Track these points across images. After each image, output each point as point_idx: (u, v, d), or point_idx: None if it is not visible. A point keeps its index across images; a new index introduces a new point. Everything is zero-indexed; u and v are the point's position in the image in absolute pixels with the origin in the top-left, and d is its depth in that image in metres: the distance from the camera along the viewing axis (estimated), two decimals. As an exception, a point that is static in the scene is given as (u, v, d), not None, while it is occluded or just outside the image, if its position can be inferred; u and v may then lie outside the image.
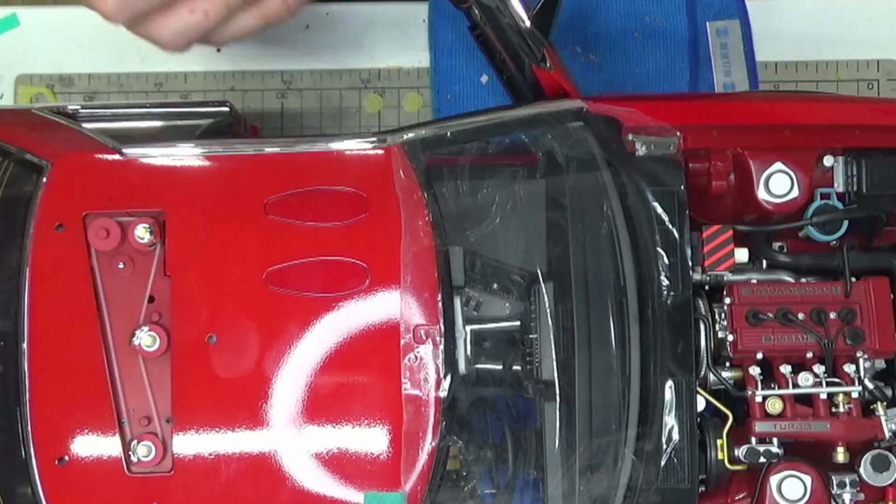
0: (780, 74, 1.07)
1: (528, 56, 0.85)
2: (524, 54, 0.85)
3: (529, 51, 0.85)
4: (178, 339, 0.81)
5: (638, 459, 0.81)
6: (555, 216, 0.85)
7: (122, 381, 0.81)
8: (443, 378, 0.80)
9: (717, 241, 0.84)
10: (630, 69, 1.03)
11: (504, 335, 0.85)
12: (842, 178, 0.85)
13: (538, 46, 0.84)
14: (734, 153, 0.85)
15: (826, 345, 0.82)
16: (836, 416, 0.82)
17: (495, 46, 0.90)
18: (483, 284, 0.86)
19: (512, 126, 0.85)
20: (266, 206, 0.82)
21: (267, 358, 0.81)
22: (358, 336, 0.81)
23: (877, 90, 1.07)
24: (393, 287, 0.81)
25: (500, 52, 0.89)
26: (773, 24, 1.07)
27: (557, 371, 0.82)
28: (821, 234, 0.85)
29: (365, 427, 0.80)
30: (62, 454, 0.80)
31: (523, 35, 0.84)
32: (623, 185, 0.83)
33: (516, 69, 0.88)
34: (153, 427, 0.81)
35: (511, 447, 0.84)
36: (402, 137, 0.84)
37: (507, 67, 0.91)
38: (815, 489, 0.81)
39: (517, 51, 0.85)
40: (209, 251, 0.82)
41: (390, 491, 0.80)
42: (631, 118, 0.84)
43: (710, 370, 0.83)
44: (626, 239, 0.82)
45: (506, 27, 0.85)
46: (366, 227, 0.82)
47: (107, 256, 0.82)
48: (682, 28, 1.04)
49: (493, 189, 0.87)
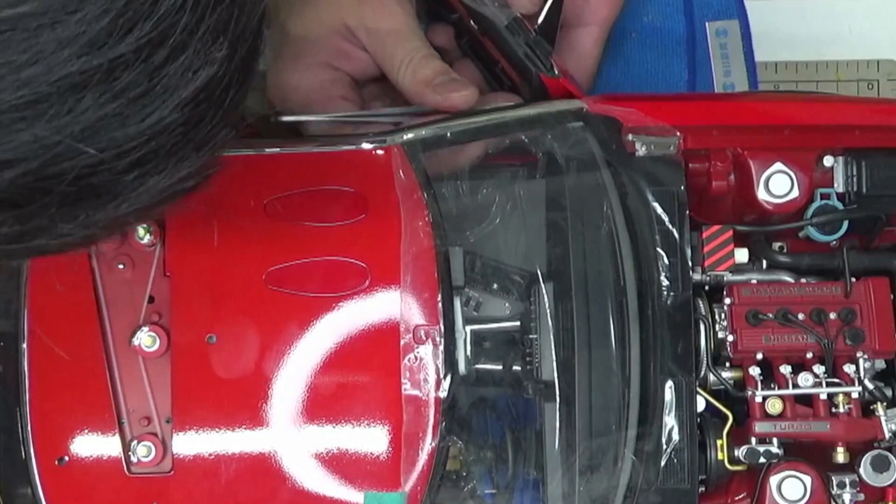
0: (780, 74, 1.07)
1: (537, 66, 0.84)
2: (531, 64, 0.84)
3: (538, 61, 0.84)
4: (178, 339, 0.81)
5: (638, 460, 0.80)
6: (555, 216, 0.85)
7: (122, 381, 0.81)
8: (443, 378, 0.80)
9: (717, 242, 0.84)
10: (628, 69, 1.03)
11: (504, 335, 0.85)
12: (842, 179, 0.85)
13: (546, 56, 0.84)
14: (734, 153, 0.85)
15: (826, 345, 0.82)
16: (836, 417, 0.82)
17: (491, 56, 0.90)
18: (483, 285, 0.85)
19: (512, 126, 0.85)
20: (266, 206, 0.82)
21: (267, 358, 0.81)
22: (358, 336, 0.81)
23: (877, 90, 1.07)
24: (393, 287, 0.81)
25: (500, 61, 0.89)
26: (773, 24, 1.07)
27: (557, 371, 0.82)
28: (821, 234, 0.85)
29: (365, 427, 0.80)
30: (62, 454, 0.80)
31: (530, 45, 0.84)
32: (623, 185, 0.83)
33: (521, 78, 0.88)
34: (153, 427, 0.81)
35: (511, 447, 0.84)
36: (402, 137, 0.84)
37: (508, 76, 0.91)
38: (815, 489, 0.81)
39: (523, 61, 0.85)
40: (209, 251, 0.82)
41: (390, 491, 0.80)
42: (631, 118, 0.84)
43: (710, 370, 0.83)
44: (626, 239, 0.82)
45: (509, 39, 0.84)
46: (366, 228, 0.82)
47: (106, 256, 0.82)
48: (680, 28, 1.04)
49: (493, 189, 0.86)
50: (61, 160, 0.50)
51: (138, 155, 0.52)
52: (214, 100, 0.55)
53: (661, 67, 1.03)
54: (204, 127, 0.55)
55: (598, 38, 0.95)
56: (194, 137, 0.55)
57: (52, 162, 0.50)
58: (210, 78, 0.53)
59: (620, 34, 1.02)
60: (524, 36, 0.84)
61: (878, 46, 1.07)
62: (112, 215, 0.53)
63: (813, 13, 1.07)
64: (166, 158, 0.54)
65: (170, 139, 0.53)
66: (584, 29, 0.95)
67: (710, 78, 1.03)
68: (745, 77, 1.03)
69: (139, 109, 0.51)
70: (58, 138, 0.49)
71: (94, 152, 0.50)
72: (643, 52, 1.03)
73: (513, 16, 0.84)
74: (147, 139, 0.52)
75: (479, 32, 0.89)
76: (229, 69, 0.55)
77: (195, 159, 0.55)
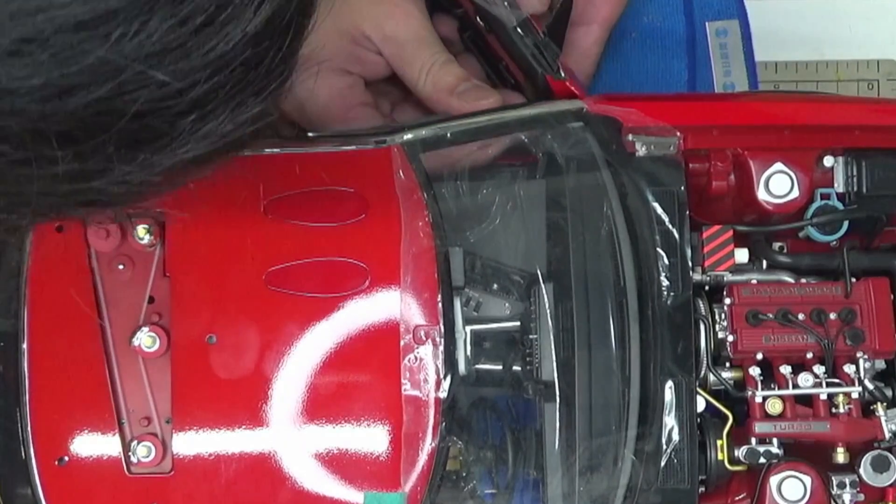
0: (780, 74, 1.07)
1: (544, 67, 0.84)
2: (538, 65, 0.84)
3: (545, 62, 0.84)
4: (178, 339, 0.81)
5: (638, 460, 0.80)
6: (555, 216, 0.85)
7: (122, 381, 0.81)
8: (443, 379, 0.80)
9: (717, 242, 0.84)
10: (628, 69, 1.03)
11: (504, 335, 0.85)
12: (842, 179, 0.85)
13: (554, 58, 0.84)
14: (734, 153, 0.85)
15: (826, 345, 0.82)
16: (836, 417, 0.82)
17: (495, 53, 0.90)
18: (483, 285, 0.85)
19: (512, 126, 0.85)
20: (266, 206, 0.82)
21: (267, 358, 0.81)
22: (358, 336, 0.81)
23: (877, 90, 1.07)
24: (393, 288, 0.81)
25: (504, 59, 0.89)
26: (773, 24, 1.07)
27: (557, 371, 0.81)
28: (821, 234, 0.85)
29: (365, 427, 0.80)
30: (62, 454, 0.80)
31: (539, 47, 0.84)
32: (623, 185, 0.83)
33: (525, 78, 0.88)
34: (153, 427, 0.81)
35: (511, 447, 0.84)
36: (402, 137, 0.84)
37: (511, 75, 0.91)
38: (815, 489, 0.81)
39: (529, 61, 0.84)
40: (209, 251, 0.82)
41: (390, 491, 0.80)
42: (631, 118, 0.84)
43: (710, 371, 0.83)
44: (626, 239, 0.82)
45: (517, 39, 0.84)
46: (366, 228, 0.82)
47: (106, 257, 0.82)
48: (680, 28, 1.04)
49: (493, 189, 0.86)
50: (125, 90, 0.50)
51: (199, 93, 0.52)
52: (275, 39, 0.55)
53: (661, 67, 1.03)
54: (263, 69, 0.55)
55: (599, 38, 0.95)
56: (253, 80, 0.55)
57: (116, 90, 0.50)
58: (273, 13, 0.53)
59: (620, 34, 1.01)
60: (532, 37, 0.84)
61: (878, 46, 1.07)
62: (169, 160, 0.53)
63: (813, 13, 1.07)
64: (225, 102, 0.54)
65: (230, 79, 0.53)
66: (586, 27, 0.95)
67: (710, 78, 1.03)
68: (745, 77, 1.03)
69: (203, 41, 0.51)
70: (124, 62, 0.49)
71: (163, 77, 0.50)
72: (643, 52, 1.03)
73: (523, 17, 0.84)
74: (209, 75, 0.52)
75: (485, 29, 0.89)
76: (290, 6, 0.55)
77: (252, 105, 0.55)
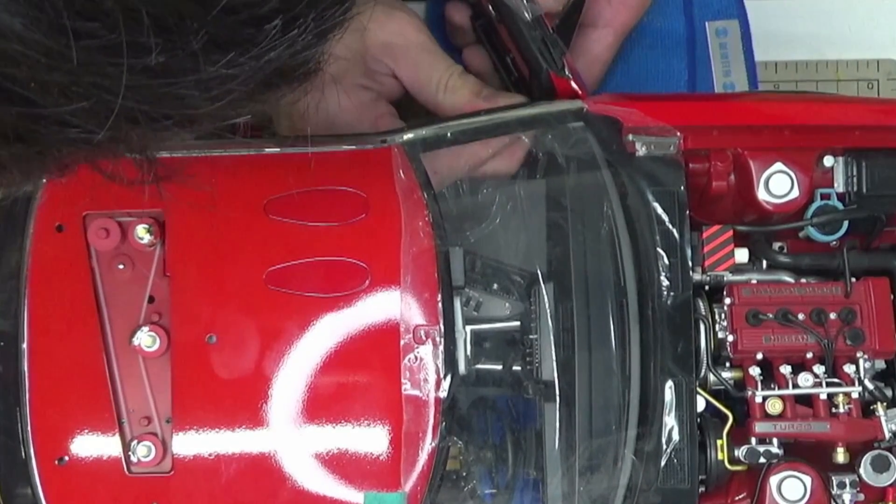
0: (780, 74, 1.07)
1: (549, 64, 0.84)
2: (544, 61, 0.84)
3: (551, 59, 0.84)
4: (178, 339, 0.81)
5: (638, 460, 0.81)
6: (555, 216, 0.85)
7: (122, 381, 0.81)
8: (443, 378, 0.80)
9: (717, 242, 0.84)
10: (628, 69, 1.03)
11: (504, 335, 0.85)
12: (842, 179, 0.85)
13: (560, 55, 0.84)
14: (734, 153, 0.85)
15: (826, 345, 0.82)
16: (836, 417, 0.82)
17: (505, 46, 0.90)
18: (483, 285, 0.86)
19: (512, 126, 0.85)
20: (266, 206, 0.82)
21: (267, 358, 0.81)
22: (358, 336, 0.81)
23: (877, 90, 1.07)
24: (393, 287, 0.81)
25: (512, 53, 0.89)
26: (773, 24, 1.07)
27: (557, 371, 0.82)
28: (821, 234, 0.85)
29: (365, 427, 0.80)
30: (62, 454, 0.80)
31: (546, 42, 0.84)
32: (623, 185, 0.83)
33: (530, 72, 0.88)
34: (153, 427, 0.81)
35: (511, 447, 0.84)
36: (402, 137, 0.84)
37: (517, 68, 0.91)
38: (815, 489, 0.81)
39: (535, 57, 0.85)
40: (209, 251, 0.81)
41: (390, 491, 0.80)
42: (631, 118, 0.84)
43: (710, 370, 0.83)
44: (627, 239, 0.82)
45: (526, 33, 0.84)
46: (366, 228, 0.82)
47: (107, 257, 0.82)
48: (680, 28, 1.04)
49: (493, 189, 0.87)
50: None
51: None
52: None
53: (661, 67, 1.03)
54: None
55: (612, 44, 0.95)
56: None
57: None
58: None
59: (621, 34, 1.01)
60: (541, 32, 0.84)
61: (878, 46, 1.07)
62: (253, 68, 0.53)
63: (813, 13, 1.07)
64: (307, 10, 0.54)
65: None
66: (600, 31, 0.95)
67: (710, 78, 1.03)
68: (745, 77, 1.03)
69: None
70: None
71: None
72: (643, 52, 1.03)
73: (539, 12, 0.84)
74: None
75: (496, 19, 0.89)
76: None
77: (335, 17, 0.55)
